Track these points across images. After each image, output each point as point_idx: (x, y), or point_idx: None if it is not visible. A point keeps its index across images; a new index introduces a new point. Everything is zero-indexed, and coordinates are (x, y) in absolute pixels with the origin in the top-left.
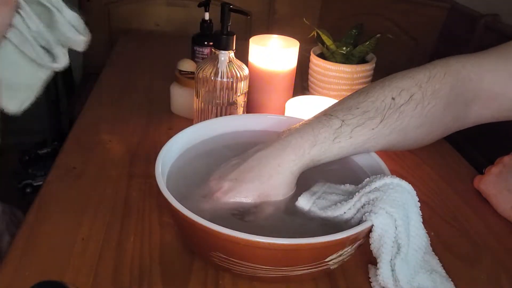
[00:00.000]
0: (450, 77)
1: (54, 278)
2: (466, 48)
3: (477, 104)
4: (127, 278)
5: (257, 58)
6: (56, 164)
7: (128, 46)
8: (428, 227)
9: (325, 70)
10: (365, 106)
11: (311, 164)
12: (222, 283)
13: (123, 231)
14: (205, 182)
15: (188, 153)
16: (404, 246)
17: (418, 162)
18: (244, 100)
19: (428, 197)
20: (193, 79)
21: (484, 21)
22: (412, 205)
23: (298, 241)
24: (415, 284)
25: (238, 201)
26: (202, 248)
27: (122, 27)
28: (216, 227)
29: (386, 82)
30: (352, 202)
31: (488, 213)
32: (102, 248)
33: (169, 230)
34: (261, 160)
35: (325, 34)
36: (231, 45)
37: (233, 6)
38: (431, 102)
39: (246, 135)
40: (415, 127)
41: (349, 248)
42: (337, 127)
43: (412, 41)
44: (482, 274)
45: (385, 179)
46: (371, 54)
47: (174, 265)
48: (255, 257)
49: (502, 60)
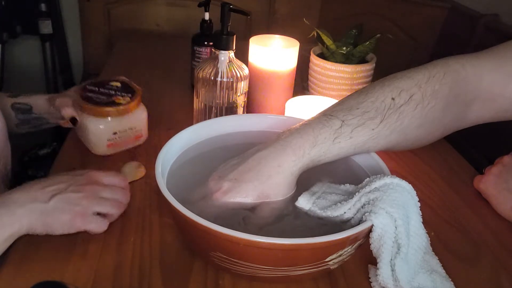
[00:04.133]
0: (450, 77)
1: (54, 278)
2: (466, 48)
3: (476, 104)
4: (127, 278)
5: (257, 58)
6: (55, 165)
7: (128, 46)
8: (428, 227)
9: (325, 70)
10: (365, 106)
11: (311, 165)
12: (222, 283)
13: (123, 231)
14: (205, 182)
15: (188, 153)
16: (404, 246)
17: (418, 162)
18: (244, 100)
19: (428, 197)
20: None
21: (484, 21)
22: (412, 205)
23: (298, 241)
24: (415, 284)
25: (237, 201)
26: (202, 248)
27: (122, 27)
28: (216, 227)
29: (386, 82)
30: (352, 202)
31: (488, 213)
32: (102, 248)
33: (169, 230)
34: (260, 160)
35: (325, 34)
36: (231, 45)
37: (233, 6)
38: (431, 102)
39: (246, 135)
40: (415, 127)
41: (349, 248)
42: (337, 128)
43: (412, 41)
44: (482, 274)
45: (385, 179)
46: (371, 54)
47: (174, 265)
48: (255, 257)
49: (501, 60)
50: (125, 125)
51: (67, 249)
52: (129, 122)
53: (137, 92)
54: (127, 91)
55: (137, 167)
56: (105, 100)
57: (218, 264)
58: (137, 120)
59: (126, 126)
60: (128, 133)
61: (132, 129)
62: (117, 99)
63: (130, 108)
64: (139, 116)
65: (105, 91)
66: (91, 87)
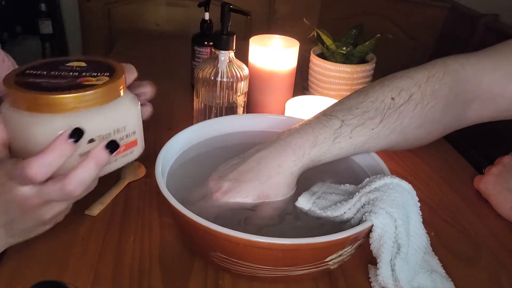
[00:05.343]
0: (449, 77)
1: (54, 278)
2: (466, 48)
3: (476, 103)
4: (127, 278)
5: (257, 58)
6: None
7: (128, 46)
8: (428, 227)
9: (325, 70)
10: (364, 106)
11: (311, 165)
12: (222, 283)
13: (123, 231)
14: (205, 182)
15: (188, 153)
16: (404, 246)
17: (418, 162)
18: (244, 100)
19: (428, 197)
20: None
21: (484, 21)
22: (412, 205)
23: (298, 241)
24: (415, 284)
25: (237, 201)
26: (202, 248)
27: (122, 27)
28: (216, 227)
29: (386, 82)
30: (352, 202)
31: (488, 213)
32: (102, 248)
33: (169, 230)
34: (260, 160)
35: (325, 34)
36: (231, 45)
37: (233, 6)
38: (431, 102)
39: (246, 135)
40: (415, 127)
41: (349, 248)
42: (337, 128)
43: (412, 41)
44: (482, 274)
45: (385, 179)
46: (371, 54)
47: (174, 265)
48: (255, 257)
49: (501, 59)
50: (108, 124)
51: (67, 249)
52: (113, 118)
53: (118, 70)
54: (100, 70)
55: (137, 167)
56: (64, 84)
57: (218, 264)
58: (125, 114)
59: (110, 125)
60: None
61: (120, 131)
62: (86, 81)
63: (111, 91)
64: (128, 108)
65: (62, 73)
66: (33, 71)
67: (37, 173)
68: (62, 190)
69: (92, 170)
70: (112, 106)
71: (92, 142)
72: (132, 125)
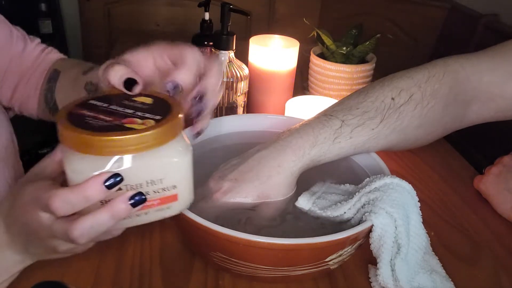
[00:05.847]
0: (449, 77)
1: (54, 278)
2: (466, 48)
3: (476, 103)
4: (128, 278)
5: (257, 58)
6: None
7: (128, 46)
8: (428, 227)
9: (325, 70)
10: (365, 106)
11: (311, 165)
12: (222, 283)
13: (124, 231)
14: (205, 182)
15: None
16: (404, 246)
17: (418, 162)
18: (244, 100)
19: (428, 197)
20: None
21: (484, 21)
22: (412, 205)
23: (298, 241)
24: (415, 284)
25: (237, 201)
26: (202, 248)
27: (122, 27)
28: (216, 227)
29: (386, 82)
30: (352, 202)
31: (488, 213)
32: (103, 248)
33: (169, 230)
34: (261, 160)
35: (325, 34)
36: (231, 45)
37: (233, 6)
38: (431, 102)
39: (246, 135)
40: (415, 127)
41: (349, 248)
42: (337, 128)
43: (412, 41)
44: (482, 274)
45: (385, 179)
46: (371, 54)
47: (174, 265)
48: (255, 257)
49: (500, 60)
50: (140, 175)
51: None
52: (148, 168)
53: (174, 111)
54: (157, 111)
55: None
56: (106, 124)
57: (218, 264)
58: (165, 166)
59: (143, 176)
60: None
61: (155, 183)
62: (130, 122)
63: (154, 138)
64: (171, 158)
65: (118, 109)
66: (96, 101)
67: (58, 208)
68: (66, 234)
69: (105, 221)
70: (151, 154)
71: (119, 190)
72: (172, 179)
